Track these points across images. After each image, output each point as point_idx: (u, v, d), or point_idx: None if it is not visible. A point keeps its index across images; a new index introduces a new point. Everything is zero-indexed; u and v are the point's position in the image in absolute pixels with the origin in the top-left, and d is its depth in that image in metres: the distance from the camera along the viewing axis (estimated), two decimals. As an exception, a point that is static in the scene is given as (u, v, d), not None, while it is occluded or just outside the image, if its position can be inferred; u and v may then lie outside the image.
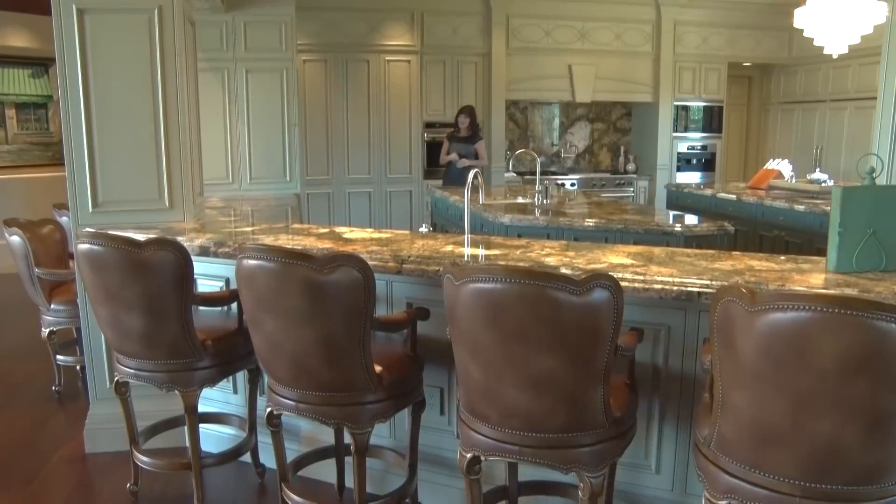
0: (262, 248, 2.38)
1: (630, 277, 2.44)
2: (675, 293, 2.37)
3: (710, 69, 9.74)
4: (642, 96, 9.64)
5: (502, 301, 1.95)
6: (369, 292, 2.33)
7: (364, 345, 2.38)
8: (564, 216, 4.82)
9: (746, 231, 6.19)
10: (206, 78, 6.11)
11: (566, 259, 2.77)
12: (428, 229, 3.61)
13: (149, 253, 2.69)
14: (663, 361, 2.62)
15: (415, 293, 2.99)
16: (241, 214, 4.70)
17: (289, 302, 2.32)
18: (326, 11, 8.32)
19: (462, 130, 7.69)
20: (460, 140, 7.68)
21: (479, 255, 2.97)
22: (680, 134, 9.76)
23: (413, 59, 8.69)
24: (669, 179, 9.49)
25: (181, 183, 3.72)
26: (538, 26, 9.09)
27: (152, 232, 3.40)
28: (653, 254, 2.89)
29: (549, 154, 10.01)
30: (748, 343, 1.70)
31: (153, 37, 3.58)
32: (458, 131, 7.71)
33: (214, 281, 3.52)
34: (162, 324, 2.77)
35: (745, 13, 9.59)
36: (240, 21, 6.54)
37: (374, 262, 2.76)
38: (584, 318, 1.93)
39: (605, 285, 1.93)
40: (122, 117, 3.60)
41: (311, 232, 3.59)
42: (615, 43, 9.36)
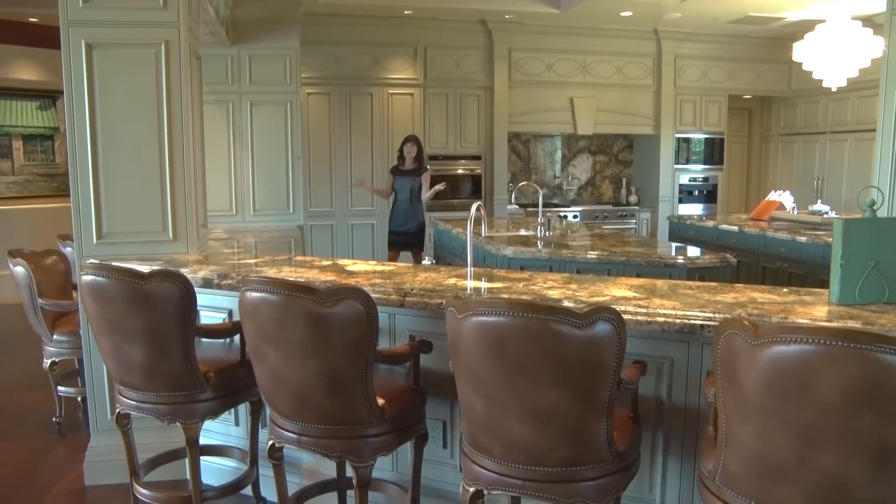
0: (266, 280, 2.39)
1: (633, 310, 2.44)
2: (677, 326, 2.37)
3: (710, 101, 9.85)
4: (644, 128, 9.72)
5: (505, 334, 1.96)
6: (372, 325, 2.33)
7: (367, 378, 2.37)
8: (567, 248, 4.83)
9: (749, 262, 6.20)
10: (211, 110, 6.18)
11: (569, 292, 2.77)
12: (431, 262, 3.62)
13: (152, 285, 2.69)
14: (667, 394, 2.61)
15: (418, 326, 2.99)
16: (244, 246, 4.72)
17: (291, 334, 2.33)
18: (330, 45, 8.44)
19: (408, 162, 7.20)
20: (405, 173, 7.18)
21: (481, 287, 2.98)
22: (681, 166, 9.83)
23: (416, 92, 8.78)
24: (671, 211, 9.53)
25: (185, 215, 3.74)
26: (540, 60, 9.21)
27: (156, 264, 3.42)
28: (655, 286, 2.89)
29: (552, 186, 10.06)
30: (751, 376, 1.70)
31: (160, 71, 3.63)
32: (403, 163, 7.24)
33: (217, 313, 3.53)
34: (164, 355, 2.77)
35: (744, 47, 9.72)
36: (245, 55, 6.62)
37: (377, 295, 2.77)
38: (586, 352, 1.93)
39: (607, 318, 1.93)
40: (127, 149, 3.64)
41: (313, 264, 3.60)
42: (616, 76, 9.47)
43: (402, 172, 7.17)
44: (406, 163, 7.17)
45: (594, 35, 9.17)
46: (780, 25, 8.75)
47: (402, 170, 7.18)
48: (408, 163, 7.17)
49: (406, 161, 7.17)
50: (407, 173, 7.15)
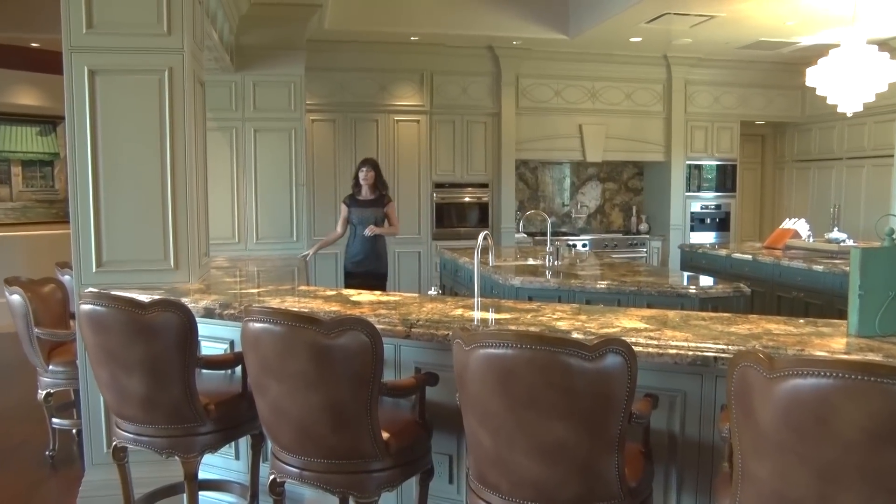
0: (268, 310, 2.40)
1: (644, 342, 2.44)
2: (690, 358, 2.36)
3: (722, 128, 9.89)
4: (654, 155, 9.76)
5: (513, 367, 1.96)
6: (377, 357, 2.33)
7: (371, 411, 2.37)
8: (576, 278, 4.83)
9: (763, 292, 6.18)
10: (215, 137, 6.24)
11: (578, 323, 2.77)
12: (437, 292, 3.62)
13: (152, 314, 2.70)
14: (679, 429, 2.60)
15: (424, 358, 2.99)
16: (246, 275, 4.73)
17: (295, 366, 2.33)
18: (336, 72, 8.53)
19: (365, 190, 6.28)
20: (363, 204, 6.28)
21: (489, 319, 2.98)
22: (693, 193, 9.84)
23: (422, 119, 8.86)
24: (683, 239, 9.52)
25: (187, 243, 3.76)
26: (548, 86, 9.28)
27: (156, 293, 3.43)
28: (667, 317, 2.89)
29: (560, 214, 10.08)
30: (767, 411, 1.69)
31: (163, 97, 3.68)
32: (360, 191, 6.31)
33: (219, 343, 3.53)
34: (164, 387, 2.77)
35: (755, 72, 9.78)
36: (249, 81, 6.71)
37: (382, 326, 2.77)
38: (596, 385, 1.93)
39: (618, 350, 1.93)
40: (129, 176, 3.67)
41: (317, 294, 3.61)
42: (626, 102, 9.53)
43: (360, 203, 6.28)
44: (363, 191, 6.29)
45: (603, 61, 9.25)
46: (792, 50, 8.81)
47: (360, 199, 6.30)
48: (365, 191, 6.28)
49: (363, 189, 6.28)
50: (366, 204, 6.27)
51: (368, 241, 6.21)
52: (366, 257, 6.27)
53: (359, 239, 6.25)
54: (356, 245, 6.29)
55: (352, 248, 6.34)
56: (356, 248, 6.29)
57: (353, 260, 6.32)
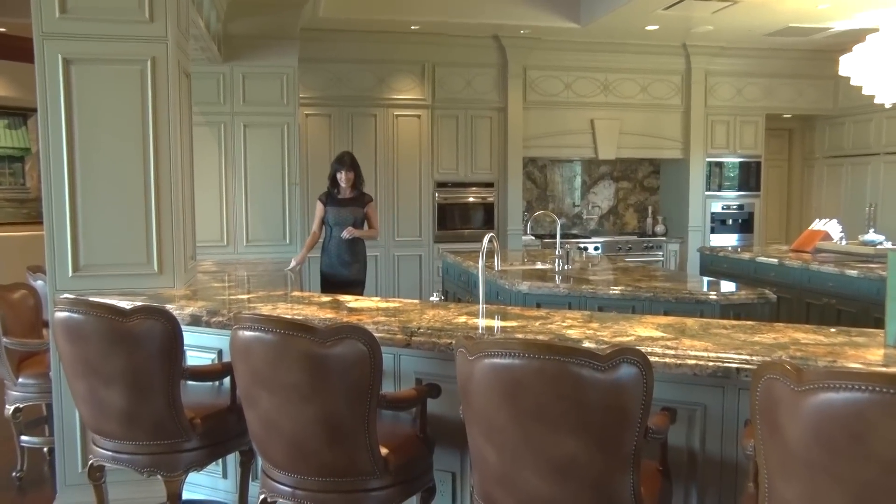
0: (259, 318, 2.40)
1: (660, 352, 2.44)
2: (710, 369, 2.36)
3: (745, 122, 9.87)
4: (671, 152, 9.75)
5: (520, 378, 1.96)
6: (375, 367, 2.33)
7: (369, 425, 2.37)
8: (587, 283, 4.83)
9: (791, 299, 6.17)
10: (202, 133, 6.25)
11: (589, 331, 2.77)
12: (439, 298, 3.63)
13: (134, 322, 2.70)
14: (700, 445, 2.59)
15: (425, 368, 3.00)
16: (236, 280, 4.73)
17: (287, 377, 2.33)
18: (331, 63, 8.54)
19: (343, 189, 6.18)
20: (342, 203, 6.17)
21: (494, 326, 2.98)
22: (713, 192, 9.84)
23: (423, 114, 8.87)
24: (702, 242, 9.52)
25: (172, 246, 3.76)
26: (558, 78, 9.29)
27: (139, 299, 3.44)
28: (685, 325, 2.89)
29: (571, 215, 10.08)
30: (796, 427, 1.68)
31: (145, 89, 3.68)
32: (338, 191, 6.18)
33: (206, 353, 3.53)
34: (146, 400, 2.77)
35: (783, 61, 9.73)
36: (238, 73, 6.72)
37: (381, 335, 2.77)
38: (609, 397, 1.93)
39: (632, 361, 1.93)
40: (108, 174, 3.67)
41: (312, 300, 3.61)
42: (641, 95, 9.53)
43: (339, 202, 6.16)
44: (341, 189, 6.17)
45: (617, 51, 9.25)
46: (824, 36, 8.72)
47: (338, 198, 6.17)
48: (343, 189, 6.17)
49: (341, 187, 6.16)
50: (344, 203, 6.16)
51: (346, 244, 6.08)
52: (342, 262, 6.14)
53: (335, 241, 6.12)
54: (332, 248, 6.15)
55: (327, 251, 6.18)
56: (332, 252, 6.15)
57: (329, 265, 6.17)
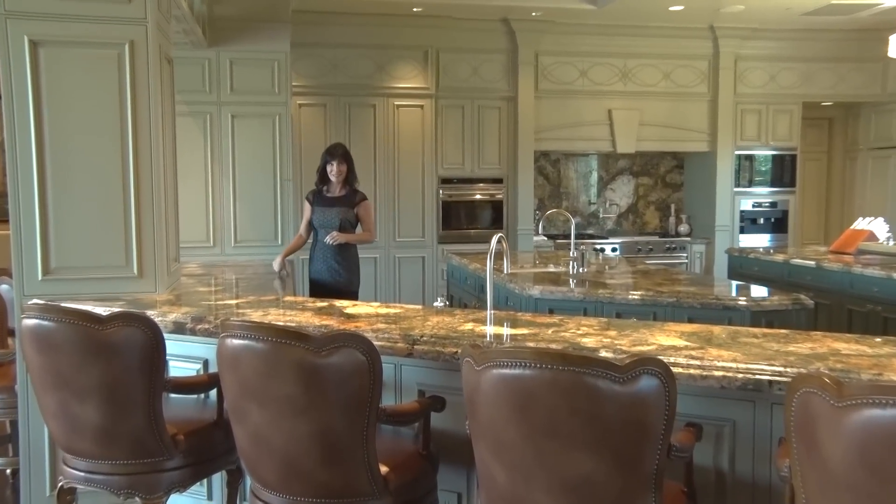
0: (249, 325, 2.40)
1: (684, 362, 2.44)
2: (739, 382, 2.36)
3: (779, 111, 9.83)
4: (697, 145, 9.74)
5: (532, 390, 1.96)
6: (375, 378, 2.34)
7: (368, 441, 2.37)
8: (604, 288, 4.83)
9: (830, 305, 6.15)
10: (185, 123, 6.25)
11: (607, 340, 2.78)
12: (444, 303, 3.63)
13: (111, 330, 2.70)
14: (728, 465, 2.59)
15: (428, 379, 3.00)
16: (223, 284, 4.74)
17: (279, 389, 2.33)
18: (326, 48, 8.55)
19: (334, 187, 5.95)
20: (331, 202, 5.92)
21: (503, 334, 2.98)
22: (743, 189, 9.82)
23: (427, 104, 8.87)
24: (731, 243, 9.50)
25: (153, 246, 3.77)
26: (572, 65, 9.29)
27: (117, 305, 3.44)
28: (712, 333, 2.89)
29: (586, 214, 10.08)
30: (837, 446, 1.67)
31: (123, 76, 3.68)
32: (328, 188, 5.97)
33: (190, 363, 3.54)
34: (124, 415, 2.77)
35: (823, 43, 9.64)
36: (225, 59, 6.71)
37: (381, 343, 2.78)
38: (628, 411, 1.93)
39: (653, 372, 1.93)
40: (83, 168, 3.67)
41: (306, 306, 3.62)
42: (663, 83, 9.52)
43: (327, 201, 5.93)
44: (332, 186, 5.94)
45: (637, 35, 9.25)
46: (870, 14, 8.53)
47: (326, 197, 5.95)
48: (334, 186, 5.94)
49: (332, 183, 5.93)
50: (334, 202, 5.91)
51: (333, 249, 5.85)
52: (330, 270, 5.90)
53: (321, 246, 5.90)
54: (318, 254, 5.93)
55: (314, 258, 6.00)
56: (319, 259, 5.93)
57: (317, 271, 5.96)
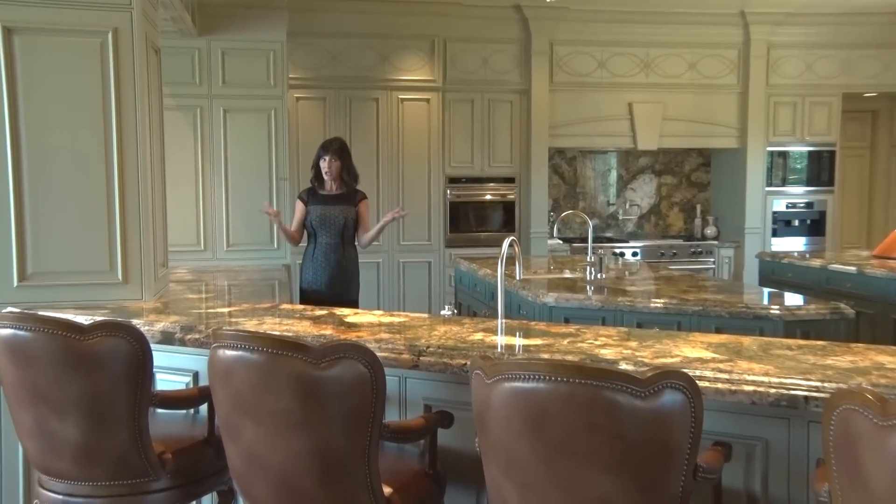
0: (243, 334, 2.41)
1: (711, 376, 2.44)
2: (772, 397, 2.35)
3: (816, 103, 9.77)
4: (725, 141, 9.72)
5: (546, 405, 1.96)
6: (378, 392, 2.34)
7: (370, 459, 2.37)
8: (624, 295, 4.82)
9: (873, 315, 6.12)
10: (174, 119, 6.27)
11: (627, 351, 2.77)
12: (451, 311, 3.63)
13: (94, 340, 2.70)
14: (761, 488, 2.57)
15: (435, 393, 2.99)
16: (215, 291, 4.75)
17: (275, 404, 2.34)
18: (325, 38, 8.56)
19: (329, 183, 5.81)
20: (326, 201, 5.79)
21: (516, 345, 2.99)
22: (776, 188, 9.79)
23: (433, 98, 8.88)
24: (762, 247, 9.48)
25: (140, 251, 3.78)
26: (590, 55, 9.29)
27: (99, 313, 3.45)
28: (741, 345, 2.88)
29: (605, 216, 10.07)
30: (882, 469, 1.66)
31: (106, 66, 3.68)
32: (323, 184, 5.84)
33: (179, 376, 3.54)
34: (107, 432, 2.77)
35: (865, 28, 9.56)
36: (216, 48, 6.73)
37: (385, 354, 2.78)
38: (651, 429, 1.93)
39: (677, 386, 1.93)
40: (63, 166, 3.68)
41: (304, 314, 3.63)
42: (689, 74, 9.51)
43: (322, 199, 5.81)
44: (327, 183, 5.81)
45: (660, 22, 9.24)
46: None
47: (322, 195, 5.83)
48: (329, 184, 5.81)
49: (326, 181, 5.81)
50: (330, 200, 5.79)
51: (335, 254, 5.72)
52: (331, 275, 5.73)
53: (322, 250, 5.74)
54: (318, 260, 5.75)
55: (310, 263, 5.80)
56: (318, 265, 5.75)
57: (314, 279, 5.77)
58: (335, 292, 5.69)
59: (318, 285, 5.74)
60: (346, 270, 5.82)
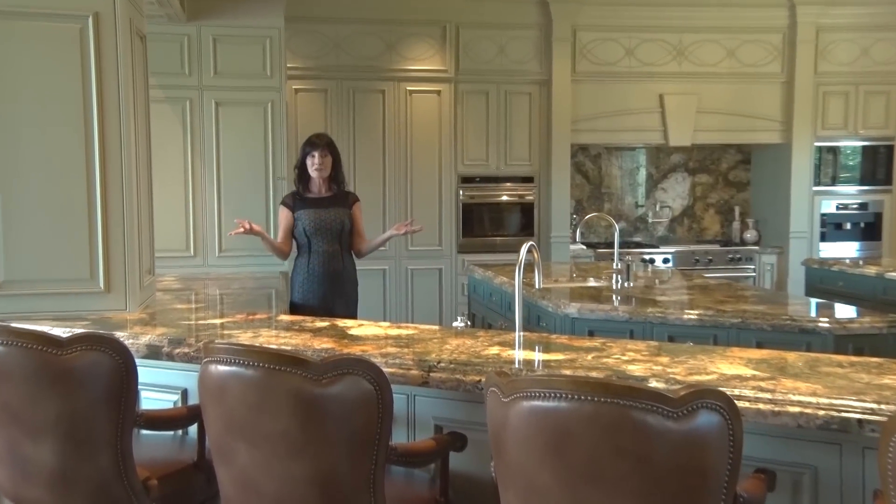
0: (237, 348, 2.42)
1: (752, 395, 2.43)
2: (821, 420, 2.34)
3: (872, 93, 9.65)
4: (767, 136, 9.67)
5: (569, 426, 1.96)
6: (384, 411, 2.34)
7: (375, 486, 2.37)
8: (655, 306, 4.82)
9: (938, 328, 6.09)
10: (161, 112, 6.29)
11: (658, 367, 2.77)
12: (464, 323, 3.63)
13: (73, 355, 2.71)
14: (809, 521, 2.57)
15: (447, 413, 3.00)
16: (206, 300, 4.76)
17: (272, 424, 2.34)
18: (327, 24, 8.57)
19: (317, 184, 5.56)
20: (325, 203, 5.54)
21: (535, 360, 2.99)
22: (825, 188, 9.71)
23: (444, 89, 8.89)
24: (809, 253, 9.42)
25: (124, 257, 3.79)
26: (617, 42, 9.27)
27: (79, 325, 3.47)
28: (785, 361, 2.88)
29: (633, 219, 10.06)
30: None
31: (86, 55, 3.69)
32: (309, 186, 5.58)
33: (166, 394, 3.55)
34: (86, 456, 2.77)
35: (931, 6, 9.41)
36: (207, 35, 6.75)
37: (392, 369, 2.79)
38: (684, 453, 1.92)
39: (714, 406, 1.92)
40: (38, 164, 3.69)
41: (304, 326, 3.63)
42: (727, 62, 9.47)
43: (313, 203, 5.53)
44: (314, 185, 5.57)
45: (695, 4, 9.21)
46: None
47: (312, 198, 5.56)
48: (317, 185, 5.56)
49: (314, 182, 5.55)
50: (322, 204, 5.54)
51: (332, 264, 5.48)
52: (331, 292, 5.51)
53: (318, 259, 5.48)
54: (316, 271, 5.48)
55: (307, 273, 5.51)
56: (316, 277, 5.48)
57: (309, 292, 5.50)
58: (334, 306, 5.43)
59: (316, 300, 5.47)
60: (349, 281, 5.64)
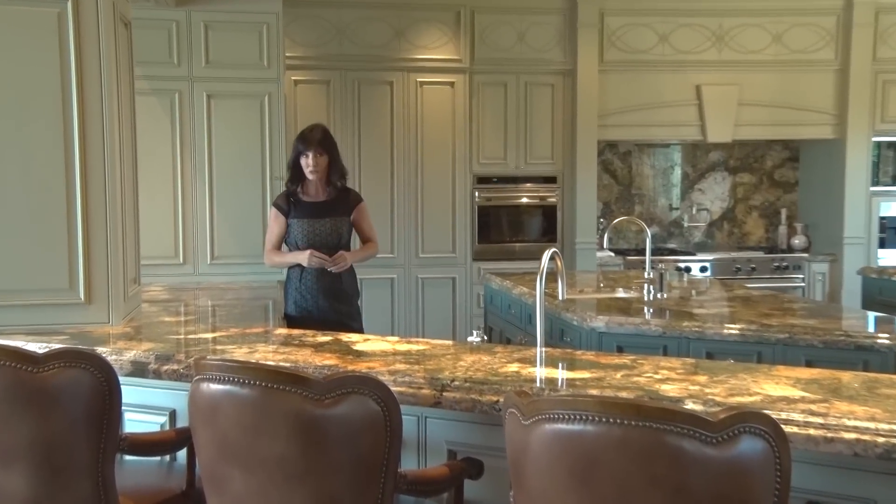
0: (231, 365, 2.42)
1: (800, 419, 2.42)
2: (881, 448, 2.33)
3: (939, 81, 9.65)
4: (818, 130, 9.63)
5: (596, 452, 1.96)
6: (392, 434, 2.35)
7: (381, 517, 2.37)
8: (690, 319, 4.81)
9: None
10: (148, 105, 6.31)
11: (694, 387, 2.77)
12: (480, 338, 3.63)
13: (50, 372, 2.72)
14: (866, 560, 2.56)
15: (461, 436, 3.00)
16: (197, 312, 4.78)
17: (270, 448, 2.35)
18: (329, 8, 8.60)
19: (313, 185, 5.46)
20: (321, 210, 5.44)
21: (558, 378, 2.99)
22: (884, 188, 9.66)
23: (459, 80, 8.90)
24: (866, 261, 9.38)
25: (106, 265, 3.80)
26: (648, 27, 9.27)
27: (57, 340, 3.48)
28: (840, 382, 2.87)
29: (666, 223, 10.05)
30: None
31: (65, 43, 3.71)
32: (304, 187, 5.47)
33: (152, 415, 3.56)
34: (63, 484, 2.77)
35: None
36: (198, 21, 6.76)
37: (401, 388, 2.79)
38: (724, 483, 1.92)
39: (758, 430, 1.92)
40: (10, 162, 3.72)
41: (304, 340, 3.64)
42: (772, 48, 9.44)
43: (308, 210, 5.45)
44: (310, 186, 5.48)
45: (736, -14, 9.23)
46: None
47: (307, 203, 5.47)
48: (313, 186, 5.47)
49: (310, 183, 5.46)
50: (317, 211, 5.45)
51: (327, 280, 5.39)
52: (327, 303, 5.43)
53: (311, 274, 5.38)
54: (309, 280, 5.39)
55: (302, 284, 5.43)
56: (309, 286, 5.40)
57: (306, 304, 5.43)
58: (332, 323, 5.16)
59: (311, 313, 5.39)
60: (347, 295, 5.56)
